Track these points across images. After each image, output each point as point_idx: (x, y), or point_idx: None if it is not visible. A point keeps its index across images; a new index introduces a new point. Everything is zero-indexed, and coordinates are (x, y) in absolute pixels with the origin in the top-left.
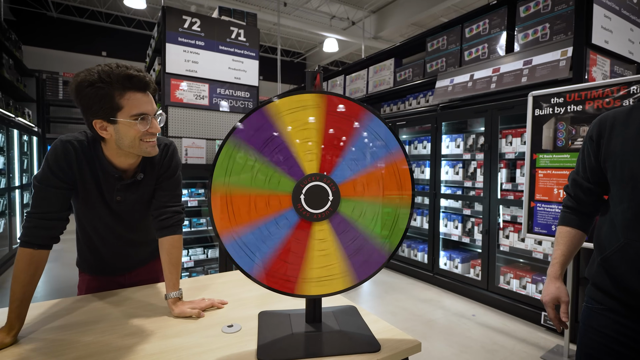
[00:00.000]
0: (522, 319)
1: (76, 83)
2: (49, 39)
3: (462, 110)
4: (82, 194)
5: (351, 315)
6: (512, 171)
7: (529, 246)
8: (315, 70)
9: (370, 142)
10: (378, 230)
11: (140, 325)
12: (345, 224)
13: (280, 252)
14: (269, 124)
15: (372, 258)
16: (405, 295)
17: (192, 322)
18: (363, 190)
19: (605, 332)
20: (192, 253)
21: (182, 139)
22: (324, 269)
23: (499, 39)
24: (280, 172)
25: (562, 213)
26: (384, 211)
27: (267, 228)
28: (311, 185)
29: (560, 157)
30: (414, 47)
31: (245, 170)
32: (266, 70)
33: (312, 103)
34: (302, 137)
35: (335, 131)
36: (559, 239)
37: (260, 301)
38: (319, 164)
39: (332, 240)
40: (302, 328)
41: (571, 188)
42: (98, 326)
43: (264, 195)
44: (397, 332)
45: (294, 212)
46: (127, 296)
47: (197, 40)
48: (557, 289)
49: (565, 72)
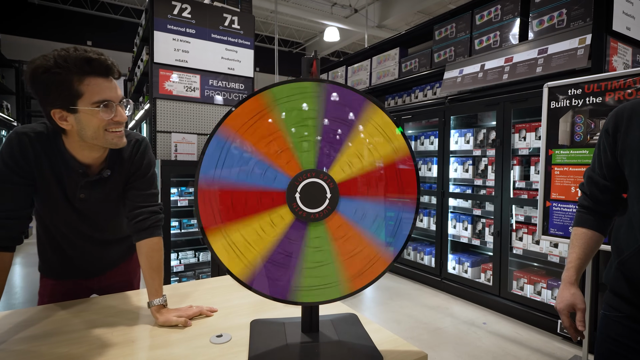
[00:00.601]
0: (537, 328)
1: (31, 70)
2: (30, 28)
3: (472, 103)
4: (42, 191)
5: (351, 324)
6: (525, 168)
7: (544, 249)
8: (312, 56)
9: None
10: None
11: (120, 334)
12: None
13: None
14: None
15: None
16: (410, 302)
17: (177, 331)
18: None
19: (623, 341)
20: (182, 256)
21: (171, 133)
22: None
23: (512, 26)
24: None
25: (577, 213)
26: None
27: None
28: (307, 182)
29: (578, 153)
30: (420, 35)
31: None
32: (263, 61)
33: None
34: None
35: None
36: (574, 241)
37: (253, 309)
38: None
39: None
40: (297, 338)
41: (587, 186)
42: (72, 336)
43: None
44: (401, 342)
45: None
46: (105, 303)
47: (188, 28)
48: (572, 295)
49: (584, 61)
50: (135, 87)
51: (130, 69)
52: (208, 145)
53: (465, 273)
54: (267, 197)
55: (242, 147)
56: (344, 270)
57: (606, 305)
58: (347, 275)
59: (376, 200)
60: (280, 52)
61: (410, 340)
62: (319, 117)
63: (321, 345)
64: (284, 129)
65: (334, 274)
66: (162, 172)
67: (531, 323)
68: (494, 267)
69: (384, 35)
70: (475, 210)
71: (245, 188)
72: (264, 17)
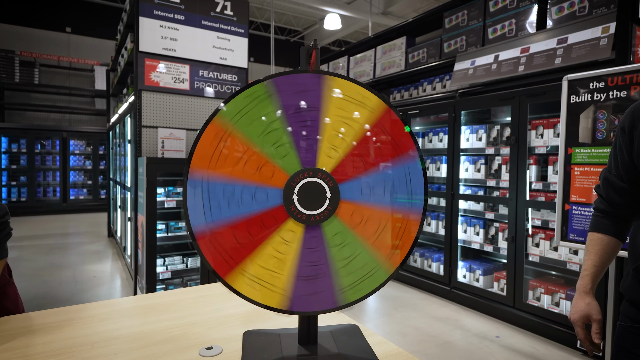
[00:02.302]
0: (555, 342)
1: None
2: (3, 12)
3: (484, 97)
4: None
5: (352, 335)
6: (543, 168)
7: (563, 256)
8: (311, 46)
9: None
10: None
11: (102, 347)
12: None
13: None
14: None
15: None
16: (417, 313)
17: (164, 343)
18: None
19: (639, 354)
20: (169, 262)
21: (157, 128)
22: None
23: (529, 14)
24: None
25: (593, 217)
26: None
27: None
28: (301, 186)
29: (600, 152)
30: (429, 23)
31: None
32: (257, 50)
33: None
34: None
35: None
36: (590, 247)
37: (246, 319)
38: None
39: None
40: (294, 351)
41: (603, 188)
42: (49, 349)
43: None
44: (406, 356)
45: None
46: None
47: (176, 14)
48: (587, 305)
49: (607, 51)
50: (118, 78)
51: (114, 58)
52: (186, 194)
53: (477, 282)
54: (268, 218)
55: (219, 180)
56: (378, 251)
57: (622, 316)
58: (383, 254)
59: (376, 169)
60: (276, 40)
61: (417, 355)
62: (282, 116)
63: (320, 358)
64: (253, 144)
65: (371, 260)
66: (147, 171)
67: (549, 337)
68: (508, 276)
69: (389, 23)
70: (488, 214)
71: (243, 218)
72: (259, 2)
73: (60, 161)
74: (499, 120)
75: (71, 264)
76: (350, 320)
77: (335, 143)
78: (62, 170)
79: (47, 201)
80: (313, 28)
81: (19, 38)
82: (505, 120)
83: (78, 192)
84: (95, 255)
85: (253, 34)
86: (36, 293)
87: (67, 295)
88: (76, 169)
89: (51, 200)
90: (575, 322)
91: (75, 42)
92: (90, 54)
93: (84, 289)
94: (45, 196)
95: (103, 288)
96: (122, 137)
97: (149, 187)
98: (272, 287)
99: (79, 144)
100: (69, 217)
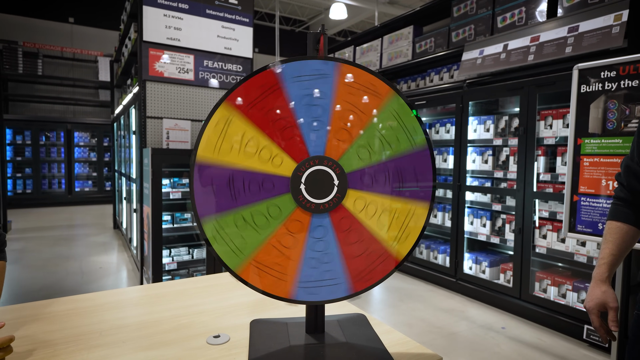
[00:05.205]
0: (561, 333)
1: None
2: (6, 3)
3: (493, 87)
4: None
5: (360, 325)
6: (551, 159)
7: (570, 248)
8: (319, 32)
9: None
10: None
11: (109, 335)
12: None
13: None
14: None
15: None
16: (423, 304)
17: (171, 332)
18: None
19: None
20: (175, 253)
21: (162, 119)
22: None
23: (539, 2)
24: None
25: (612, 206)
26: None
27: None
28: (309, 173)
29: (611, 143)
30: (436, 12)
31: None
32: (262, 40)
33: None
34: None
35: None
36: (608, 235)
37: (252, 308)
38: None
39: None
40: (301, 339)
41: (624, 176)
42: (46, 336)
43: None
44: (414, 344)
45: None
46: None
47: (181, 3)
48: (603, 294)
49: (619, 40)
50: (122, 69)
51: (117, 48)
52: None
53: (483, 273)
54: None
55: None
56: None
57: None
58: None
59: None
60: (281, 30)
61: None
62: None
63: (327, 347)
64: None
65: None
66: (152, 162)
67: (555, 328)
68: (514, 267)
69: (396, 12)
70: (495, 205)
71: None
72: None
73: (65, 153)
74: (507, 111)
75: (77, 256)
76: (357, 310)
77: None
78: (67, 162)
79: (52, 193)
80: (318, 18)
81: (21, 29)
82: (514, 111)
83: (83, 184)
84: (101, 246)
85: (258, 24)
86: (43, 284)
87: (74, 286)
88: (81, 160)
89: (56, 192)
90: (591, 310)
91: (79, 33)
92: (93, 45)
93: (91, 280)
94: (51, 188)
95: (109, 279)
96: (126, 128)
97: (154, 178)
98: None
99: (84, 135)
100: (75, 209)
